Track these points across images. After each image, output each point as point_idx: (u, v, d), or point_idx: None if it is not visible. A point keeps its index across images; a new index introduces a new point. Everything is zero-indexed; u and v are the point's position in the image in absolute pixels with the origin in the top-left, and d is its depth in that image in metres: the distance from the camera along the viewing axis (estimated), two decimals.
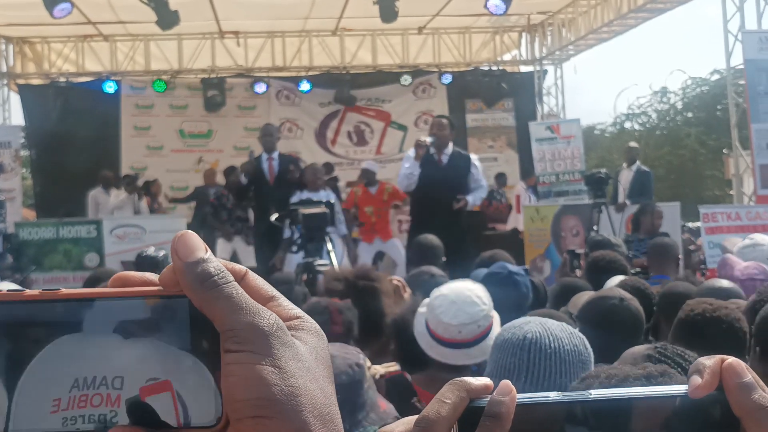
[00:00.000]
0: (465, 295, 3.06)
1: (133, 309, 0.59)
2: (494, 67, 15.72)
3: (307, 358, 0.59)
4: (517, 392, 0.62)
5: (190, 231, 0.61)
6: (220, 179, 13.49)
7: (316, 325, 0.62)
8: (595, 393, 0.60)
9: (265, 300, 0.60)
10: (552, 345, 2.20)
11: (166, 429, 0.58)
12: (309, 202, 5.65)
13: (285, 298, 0.62)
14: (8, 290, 0.59)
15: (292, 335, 0.59)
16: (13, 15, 13.12)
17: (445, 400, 0.61)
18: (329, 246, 5.51)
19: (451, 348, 3.02)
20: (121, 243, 10.02)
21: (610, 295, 3.29)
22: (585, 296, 3.68)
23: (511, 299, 3.69)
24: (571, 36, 14.89)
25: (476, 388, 0.62)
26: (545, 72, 16.18)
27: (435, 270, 4.34)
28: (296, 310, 0.62)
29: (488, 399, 0.61)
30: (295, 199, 7.71)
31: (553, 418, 0.62)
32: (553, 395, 0.61)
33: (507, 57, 16.46)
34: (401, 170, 8.45)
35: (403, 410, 2.57)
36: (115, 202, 12.49)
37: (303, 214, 5.32)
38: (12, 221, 10.49)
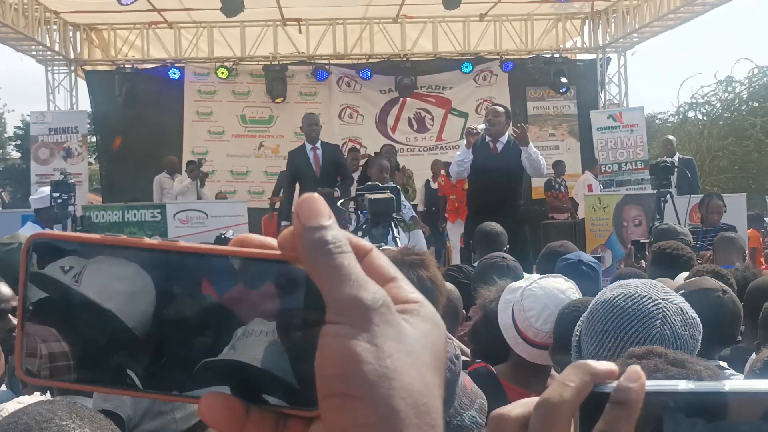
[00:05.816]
0: (558, 299, 2.88)
1: (248, 268, 0.57)
2: (556, 55, 15.56)
3: (411, 341, 0.54)
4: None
5: (317, 195, 0.58)
6: None
7: (436, 313, 0.57)
8: (730, 385, 0.57)
9: (385, 280, 0.56)
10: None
11: (265, 405, 0.56)
12: (375, 188, 5.68)
13: (408, 282, 0.57)
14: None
15: (403, 318, 0.54)
16: (80, 2, 13.35)
17: (568, 383, 0.58)
18: (395, 232, 5.53)
19: (541, 349, 2.88)
20: (184, 227, 10.21)
21: (711, 287, 2.92)
22: None
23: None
24: (635, 23, 14.59)
25: (601, 372, 0.59)
26: (608, 60, 15.92)
27: (507, 255, 4.29)
28: (416, 295, 0.57)
29: (614, 385, 0.58)
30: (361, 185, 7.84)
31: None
32: (683, 384, 0.58)
33: (569, 44, 16.22)
34: (455, 158, 8.67)
35: (489, 403, 2.56)
36: (179, 187, 12.66)
37: (369, 200, 5.35)
38: (79, 205, 10.69)
